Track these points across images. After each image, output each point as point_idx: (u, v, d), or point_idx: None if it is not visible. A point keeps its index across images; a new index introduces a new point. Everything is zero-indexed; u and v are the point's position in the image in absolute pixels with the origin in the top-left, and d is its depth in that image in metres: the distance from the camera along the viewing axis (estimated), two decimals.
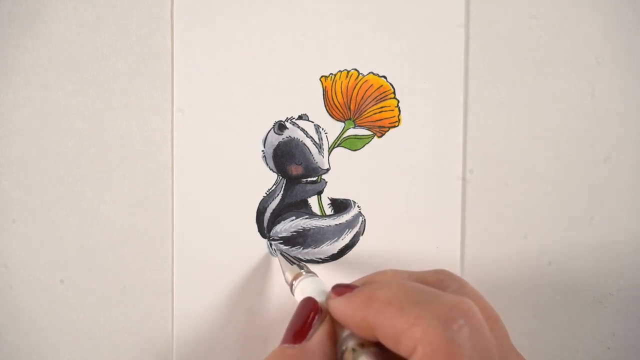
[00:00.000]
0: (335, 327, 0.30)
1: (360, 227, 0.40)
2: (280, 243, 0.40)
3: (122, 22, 0.39)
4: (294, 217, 0.40)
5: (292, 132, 0.40)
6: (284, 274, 0.36)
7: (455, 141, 0.40)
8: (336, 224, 0.40)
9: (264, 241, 0.40)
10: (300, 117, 0.40)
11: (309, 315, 0.30)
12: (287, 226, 0.40)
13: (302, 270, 0.35)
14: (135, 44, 0.39)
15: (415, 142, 0.40)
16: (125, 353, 0.40)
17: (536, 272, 0.40)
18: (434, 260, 0.40)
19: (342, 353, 0.29)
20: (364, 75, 0.40)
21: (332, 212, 0.40)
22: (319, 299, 0.31)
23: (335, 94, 0.40)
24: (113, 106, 0.39)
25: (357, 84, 0.40)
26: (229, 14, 0.39)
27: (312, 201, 0.40)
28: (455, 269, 0.40)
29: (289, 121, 0.40)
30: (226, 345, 0.40)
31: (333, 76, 0.40)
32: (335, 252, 0.40)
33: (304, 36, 0.39)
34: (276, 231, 0.40)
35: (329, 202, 0.40)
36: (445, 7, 0.39)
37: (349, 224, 0.40)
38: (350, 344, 0.29)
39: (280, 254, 0.39)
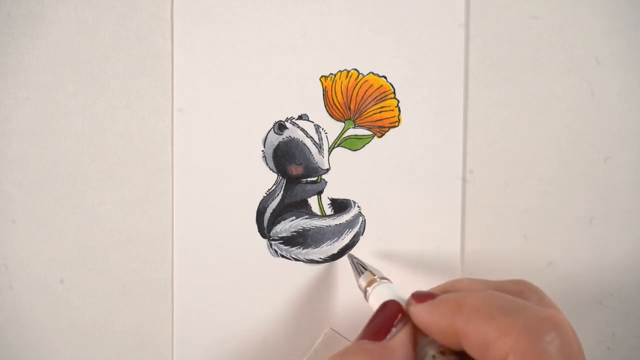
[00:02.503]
0: (416, 333, 0.29)
1: (360, 227, 0.40)
2: (280, 243, 0.40)
3: (122, 22, 0.39)
4: (294, 217, 0.40)
5: (292, 132, 0.40)
6: (356, 280, 0.36)
7: (455, 141, 0.40)
8: (336, 224, 0.40)
9: (264, 241, 0.40)
10: (300, 117, 0.40)
11: (392, 316, 0.30)
12: (287, 226, 0.40)
13: (377, 276, 0.35)
14: (135, 44, 0.39)
15: (415, 142, 0.40)
16: (125, 353, 0.40)
17: (536, 272, 0.40)
18: (434, 260, 0.40)
19: (422, 359, 0.29)
20: (364, 75, 0.40)
21: (332, 212, 0.40)
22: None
23: (335, 94, 0.40)
24: (113, 106, 0.39)
25: (357, 84, 0.40)
26: (228, 14, 0.39)
27: (312, 201, 0.40)
28: (455, 269, 0.40)
29: (289, 121, 0.40)
30: (226, 345, 0.40)
31: (333, 76, 0.40)
32: (335, 252, 0.40)
33: (304, 36, 0.39)
34: (276, 231, 0.40)
35: (329, 202, 0.40)
36: (445, 7, 0.39)
37: (349, 224, 0.40)
38: (431, 350, 0.28)
39: (350, 257, 0.39)
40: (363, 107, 0.40)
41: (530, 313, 0.26)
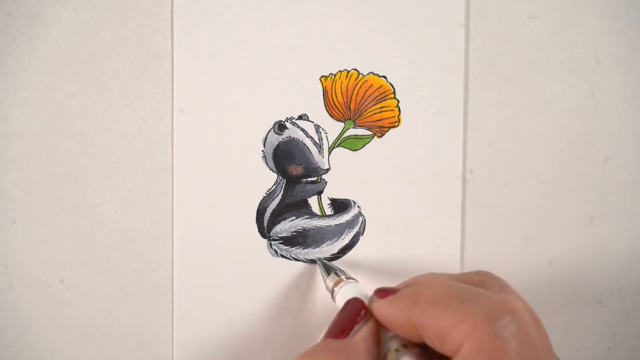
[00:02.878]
0: (379, 328, 0.30)
1: (360, 227, 0.40)
2: (280, 243, 0.40)
3: (122, 22, 0.39)
4: (294, 217, 0.40)
5: (292, 132, 0.40)
6: (324, 281, 0.37)
7: (455, 141, 0.40)
8: (336, 224, 0.40)
9: (264, 241, 0.40)
10: (300, 117, 0.40)
11: (355, 313, 0.31)
12: (287, 226, 0.40)
13: (343, 277, 0.36)
14: (135, 44, 0.39)
15: (415, 142, 0.40)
16: (125, 353, 0.40)
17: (536, 272, 0.40)
18: (434, 260, 0.40)
19: (385, 354, 0.29)
20: (364, 75, 0.40)
21: (332, 212, 0.40)
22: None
23: (335, 94, 0.40)
24: (113, 106, 0.39)
25: (357, 84, 0.40)
26: (228, 14, 0.39)
27: (312, 201, 0.40)
28: (455, 269, 0.40)
29: (289, 121, 0.40)
30: (226, 345, 0.40)
31: (333, 76, 0.40)
32: (335, 252, 0.40)
33: (304, 36, 0.39)
34: (276, 231, 0.40)
35: (329, 202, 0.40)
36: (445, 7, 0.39)
37: (349, 224, 0.40)
38: (394, 344, 0.29)
39: (320, 260, 0.39)
40: (363, 107, 0.40)
41: (484, 299, 0.27)
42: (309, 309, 0.40)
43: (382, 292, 0.31)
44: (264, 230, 0.40)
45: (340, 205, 0.40)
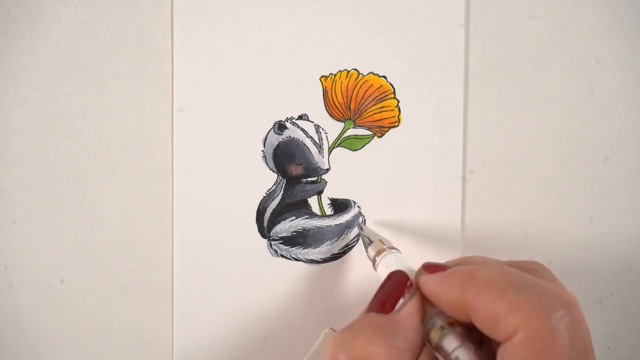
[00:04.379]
0: (424, 304, 0.29)
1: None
2: (280, 243, 0.40)
3: (122, 22, 0.39)
4: (294, 217, 0.40)
5: (292, 132, 0.40)
6: (365, 249, 0.36)
7: (455, 141, 0.40)
8: (336, 224, 0.40)
9: (264, 241, 0.40)
10: (300, 117, 0.40)
11: (400, 286, 0.30)
12: (287, 226, 0.40)
13: (385, 246, 0.34)
14: (135, 44, 0.39)
15: (415, 142, 0.40)
16: (125, 353, 0.40)
17: None
18: (433, 260, 0.40)
19: (429, 331, 0.28)
20: (364, 75, 0.40)
21: (332, 212, 0.40)
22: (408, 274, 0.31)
23: (335, 94, 0.40)
24: (113, 106, 0.39)
25: (357, 84, 0.40)
26: (228, 14, 0.39)
27: (312, 201, 0.40)
28: None
29: (289, 121, 0.40)
30: (226, 345, 0.40)
31: (333, 76, 0.40)
32: (336, 252, 0.40)
33: (304, 36, 0.39)
34: (276, 231, 0.40)
35: (329, 202, 0.40)
36: (445, 7, 0.39)
37: (349, 224, 0.40)
38: (438, 322, 0.28)
39: (361, 226, 0.38)
40: (363, 107, 0.40)
41: (541, 290, 0.26)
42: (309, 309, 0.40)
43: (431, 267, 0.30)
44: (264, 230, 0.40)
45: (340, 205, 0.40)
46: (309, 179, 0.40)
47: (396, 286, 0.30)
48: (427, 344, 0.29)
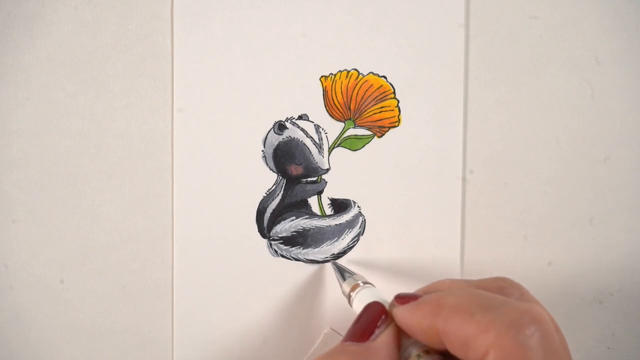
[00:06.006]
0: (400, 334, 0.30)
1: (360, 227, 0.40)
2: (280, 243, 0.40)
3: (122, 22, 0.39)
4: (294, 217, 0.40)
5: (292, 132, 0.40)
6: (340, 285, 0.36)
7: (455, 141, 0.40)
8: (336, 224, 0.40)
9: (264, 241, 0.40)
10: (300, 117, 0.40)
11: (375, 317, 0.30)
12: (287, 226, 0.40)
13: (359, 282, 0.35)
14: (135, 44, 0.39)
15: (415, 142, 0.40)
16: (125, 353, 0.40)
17: (536, 272, 0.40)
18: (434, 260, 0.40)
19: (406, 359, 0.29)
20: (364, 75, 0.40)
21: (332, 212, 0.40)
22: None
23: (335, 94, 0.40)
24: (113, 106, 0.39)
25: (357, 84, 0.40)
26: (229, 14, 0.39)
27: (312, 201, 0.40)
28: (455, 269, 0.40)
29: (289, 121, 0.40)
30: (226, 345, 0.40)
31: (333, 76, 0.40)
32: (336, 252, 0.40)
33: (304, 36, 0.39)
34: (276, 231, 0.40)
35: (329, 202, 0.40)
36: (445, 7, 0.39)
37: (349, 224, 0.40)
38: (415, 350, 0.29)
39: (334, 264, 0.39)
40: (363, 107, 0.40)
41: (508, 308, 0.26)
42: (309, 309, 0.40)
43: (402, 298, 0.30)
44: (264, 230, 0.40)
45: (340, 205, 0.40)
46: (309, 179, 0.40)
47: (373, 316, 0.31)
48: None
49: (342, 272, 0.37)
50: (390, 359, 0.29)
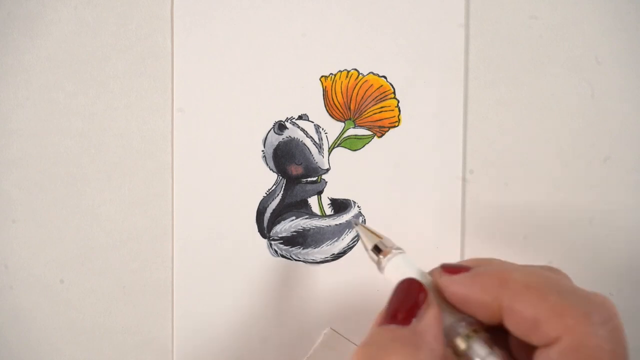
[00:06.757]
0: (441, 312, 0.27)
1: None
2: (280, 243, 0.40)
3: (122, 22, 0.39)
4: (294, 217, 0.40)
5: (292, 132, 0.40)
6: (367, 251, 0.31)
7: (455, 141, 0.40)
8: (336, 224, 0.40)
9: (264, 241, 0.40)
10: (300, 117, 0.40)
11: (416, 295, 0.27)
12: (287, 226, 0.40)
13: (389, 247, 0.31)
14: (135, 44, 0.39)
15: (415, 142, 0.40)
16: (125, 353, 0.40)
17: None
18: (434, 260, 0.40)
19: (452, 339, 0.27)
20: (364, 75, 0.40)
21: (332, 212, 0.40)
22: (418, 278, 0.28)
23: (335, 94, 0.40)
24: (113, 106, 0.39)
25: (357, 84, 0.40)
26: (228, 14, 0.39)
27: (312, 201, 0.40)
28: None
29: (289, 121, 0.40)
30: (226, 345, 0.40)
31: (333, 76, 0.40)
32: (336, 252, 0.40)
33: (304, 36, 0.39)
34: (276, 231, 0.40)
35: (329, 202, 0.40)
36: (445, 7, 0.39)
37: (349, 224, 0.40)
38: (462, 330, 0.26)
39: (360, 226, 0.33)
40: (363, 107, 0.40)
41: (582, 295, 0.26)
42: (309, 309, 0.40)
43: (452, 269, 0.28)
44: (264, 230, 0.40)
45: (340, 205, 0.40)
46: (309, 179, 0.40)
47: (413, 295, 0.27)
48: (453, 353, 0.27)
49: (370, 235, 0.32)
50: (437, 341, 0.26)
